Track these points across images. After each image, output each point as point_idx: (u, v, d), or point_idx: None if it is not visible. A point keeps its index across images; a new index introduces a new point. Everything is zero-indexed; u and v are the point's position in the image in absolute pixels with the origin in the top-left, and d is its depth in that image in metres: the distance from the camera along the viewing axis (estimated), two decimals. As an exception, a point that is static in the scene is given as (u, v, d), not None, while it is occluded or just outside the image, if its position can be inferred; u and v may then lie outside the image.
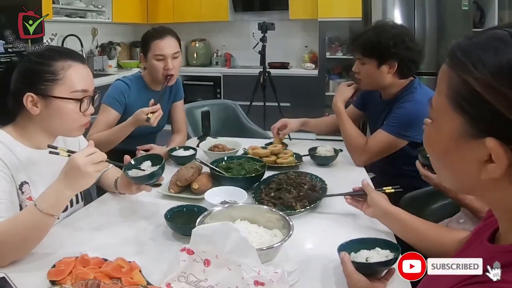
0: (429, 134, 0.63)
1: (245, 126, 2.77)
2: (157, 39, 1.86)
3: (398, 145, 1.67)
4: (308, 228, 1.21)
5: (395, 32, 1.69)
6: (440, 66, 0.60)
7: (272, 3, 5.16)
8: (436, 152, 0.62)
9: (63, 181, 1.00)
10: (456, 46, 0.57)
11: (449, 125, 0.57)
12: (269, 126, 2.15)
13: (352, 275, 0.88)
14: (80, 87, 1.16)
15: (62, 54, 1.17)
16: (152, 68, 1.88)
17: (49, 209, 0.99)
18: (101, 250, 1.02)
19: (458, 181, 0.61)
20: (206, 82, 5.21)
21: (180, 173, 1.46)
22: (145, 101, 1.92)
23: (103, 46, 4.91)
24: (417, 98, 1.67)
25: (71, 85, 1.14)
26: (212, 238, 0.90)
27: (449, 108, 0.56)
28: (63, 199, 1.02)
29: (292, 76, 4.93)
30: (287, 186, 1.38)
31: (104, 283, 0.82)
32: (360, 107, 2.02)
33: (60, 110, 1.14)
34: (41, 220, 0.99)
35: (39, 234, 1.02)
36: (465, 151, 0.56)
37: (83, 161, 0.99)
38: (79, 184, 1.02)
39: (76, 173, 0.99)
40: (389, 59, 1.68)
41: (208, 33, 5.55)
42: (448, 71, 0.57)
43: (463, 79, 0.54)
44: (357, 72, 1.78)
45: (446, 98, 0.57)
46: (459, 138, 0.56)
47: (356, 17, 4.49)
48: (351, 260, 0.91)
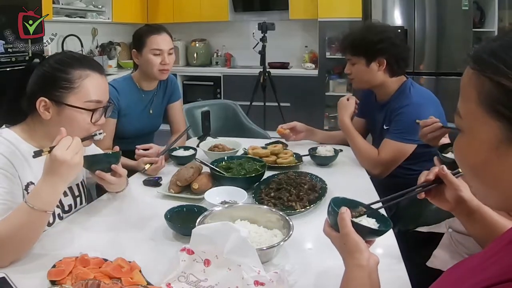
0: (462, 147, 0.59)
1: (245, 126, 2.77)
2: (153, 34, 1.88)
3: (408, 150, 1.68)
4: (308, 228, 1.21)
5: (380, 29, 1.76)
6: (440, 66, 0.58)
7: (272, 3, 5.17)
8: (473, 165, 0.57)
9: (54, 177, 1.00)
10: (480, 49, 0.54)
11: (486, 133, 0.53)
12: (269, 126, 2.16)
13: (350, 235, 0.78)
14: (94, 97, 1.17)
15: (82, 62, 1.17)
16: (147, 63, 1.88)
17: (43, 206, 0.98)
18: (101, 250, 1.02)
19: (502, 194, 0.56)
20: (206, 82, 5.22)
21: (180, 173, 1.46)
22: (137, 102, 1.94)
23: (103, 46, 4.91)
24: (414, 101, 1.69)
25: (85, 94, 1.15)
26: (212, 238, 0.90)
27: (483, 115, 0.53)
28: (58, 194, 1.04)
29: (292, 76, 4.93)
30: (287, 186, 1.38)
31: (104, 283, 0.82)
32: (363, 116, 2.02)
33: (71, 118, 1.15)
34: (36, 218, 0.99)
35: (35, 231, 1.02)
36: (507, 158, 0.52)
37: (68, 154, 0.99)
38: (71, 176, 1.03)
39: (66, 167, 0.99)
40: (377, 56, 1.71)
41: (208, 33, 5.55)
42: (475, 76, 0.54)
43: (496, 81, 0.51)
44: (349, 73, 1.82)
45: (477, 104, 0.54)
46: (499, 146, 0.52)
47: (356, 17, 4.49)
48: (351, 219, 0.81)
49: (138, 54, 1.91)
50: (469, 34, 4.10)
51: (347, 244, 0.79)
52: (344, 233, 0.79)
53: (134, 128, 1.95)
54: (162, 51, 1.87)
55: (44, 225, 1.04)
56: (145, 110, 1.98)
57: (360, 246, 0.77)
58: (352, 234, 0.78)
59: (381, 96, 1.83)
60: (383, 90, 1.80)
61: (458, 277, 0.58)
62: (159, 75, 1.91)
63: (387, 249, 1.06)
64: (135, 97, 1.94)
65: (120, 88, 1.89)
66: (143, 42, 1.88)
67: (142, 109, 1.97)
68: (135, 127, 1.95)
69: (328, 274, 0.98)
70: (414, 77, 4.14)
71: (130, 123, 1.93)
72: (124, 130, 1.91)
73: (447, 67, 4.12)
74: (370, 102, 1.91)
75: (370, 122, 1.97)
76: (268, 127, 3.67)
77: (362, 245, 0.78)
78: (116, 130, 1.89)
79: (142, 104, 1.97)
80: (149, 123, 2.03)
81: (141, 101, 1.96)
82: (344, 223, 0.79)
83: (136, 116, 1.94)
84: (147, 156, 1.64)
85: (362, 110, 1.99)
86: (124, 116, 1.90)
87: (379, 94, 1.84)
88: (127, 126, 1.92)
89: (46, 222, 1.04)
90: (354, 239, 0.78)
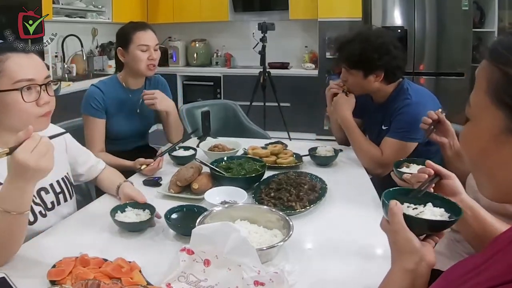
0: (467, 133, 0.60)
1: (245, 126, 2.76)
2: (139, 30, 1.89)
3: (410, 148, 1.68)
4: (308, 228, 1.21)
5: (379, 42, 1.69)
6: (440, 66, 0.60)
7: (272, 3, 5.17)
8: (474, 151, 0.59)
9: (19, 181, 0.91)
10: (497, 42, 0.56)
11: (489, 122, 0.55)
12: (269, 126, 2.16)
13: (401, 231, 0.70)
14: (22, 76, 1.09)
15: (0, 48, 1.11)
16: (135, 60, 1.88)
17: (17, 208, 0.93)
18: (101, 250, 1.02)
19: (497, 185, 0.57)
20: (206, 82, 5.22)
21: (180, 173, 1.46)
22: (125, 102, 1.95)
23: (103, 46, 4.91)
24: (413, 101, 1.69)
25: (11, 76, 1.08)
26: (212, 238, 0.90)
27: (489, 104, 0.54)
28: (28, 194, 0.95)
29: (292, 76, 4.93)
30: (287, 186, 1.38)
31: (104, 283, 0.82)
32: (359, 115, 2.02)
33: (6, 103, 1.08)
34: (13, 220, 0.93)
35: (16, 233, 0.97)
36: (506, 149, 0.53)
37: (32, 158, 0.87)
38: (39, 177, 0.94)
39: (32, 173, 0.89)
40: (376, 70, 1.70)
41: (208, 33, 5.55)
42: (488, 67, 0.55)
43: (504, 72, 0.52)
44: (345, 80, 1.80)
45: (485, 94, 0.55)
46: (499, 135, 0.54)
47: (356, 17, 4.50)
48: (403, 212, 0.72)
49: (124, 52, 1.91)
50: (469, 34, 4.10)
51: (396, 243, 0.71)
52: (394, 230, 0.71)
53: (124, 128, 1.96)
54: (149, 46, 1.88)
55: (25, 225, 0.99)
56: (132, 110, 1.98)
57: (412, 246, 0.69)
58: (402, 232, 0.70)
59: (377, 98, 1.84)
60: (379, 94, 1.80)
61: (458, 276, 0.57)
62: (147, 71, 1.91)
63: (387, 249, 1.06)
64: (121, 97, 1.94)
65: (105, 89, 1.90)
66: (129, 39, 1.88)
67: (130, 109, 1.97)
68: (126, 127, 1.96)
69: (328, 274, 0.98)
70: (414, 77, 4.15)
71: (120, 123, 1.93)
72: (115, 131, 1.93)
73: (447, 67, 4.12)
74: (367, 102, 1.90)
75: (367, 122, 1.97)
76: (268, 127, 3.68)
77: (416, 244, 0.69)
78: (108, 132, 1.90)
79: (130, 104, 1.97)
80: (139, 123, 2.02)
81: (128, 100, 1.96)
82: (394, 218, 0.71)
83: (125, 116, 1.95)
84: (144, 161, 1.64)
85: (358, 110, 1.99)
86: (112, 117, 1.91)
87: (376, 96, 1.84)
88: (117, 126, 1.93)
89: (25, 222, 0.99)
90: (404, 238, 0.69)
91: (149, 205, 1.25)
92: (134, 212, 1.22)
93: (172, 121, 1.98)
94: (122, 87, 1.96)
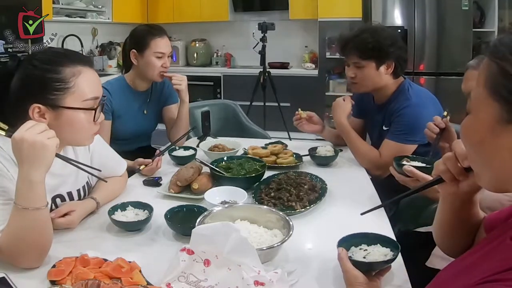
0: (467, 125, 0.64)
1: (245, 126, 2.77)
2: (157, 37, 1.88)
3: (409, 150, 1.67)
4: (308, 228, 1.21)
5: (388, 32, 1.75)
6: (440, 66, 0.61)
7: (272, 3, 5.17)
8: (473, 141, 0.63)
9: (23, 165, 0.90)
10: (498, 39, 0.60)
11: (486, 113, 0.58)
12: (269, 126, 2.16)
13: (350, 271, 0.88)
14: (91, 94, 1.08)
15: (70, 58, 1.08)
16: (149, 66, 1.88)
17: (31, 202, 0.91)
18: (101, 250, 1.01)
19: (494, 174, 0.61)
20: (206, 82, 5.21)
21: (180, 173, 1.46)
22: (131, 103, 1.95)
23: (103, 46, 4.91)
24: (414, 102, 1.69)
25: (82, 93, 1.06)
26: (212, 238, 0.90)
27: (487, 97, 0.58)
28: (37, 185, 0.92)
29: (292, 76, 4.93)
30: (287, 186, 1.38)
31: (104, 283, 0.82)
32: (359, 116, 2.01)
33: (72, 120, 1.06)
34: (34, 217, 0.92)
35: (42, 231, 0.96)
36: (501, 139, 0.57)
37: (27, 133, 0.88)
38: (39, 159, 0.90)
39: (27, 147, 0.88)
40: (387, 59, 1.70)
41: (208, 33, 5.55)
42: (488, 63, 0.59)
43: (501, 66, 0.56)
44: (353, 76, 1.78)
45: (484, 87, 0.59)
46: (495, 125, 0.57)
47: (356, 17, 4.49)
48: (349, 256, 0.91)
49: (138, 55, 1.90)
50: (469, 34, 4.09)
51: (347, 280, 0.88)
52: (343, 270, 0.89)
53: (129, 129, 1.96)
54: (164, 54, 1.89)
55: (48, 221, 0.97)
56: (139, 111, 1.98)
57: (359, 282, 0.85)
58: (350, 272, 0.87)
59: (379, 98, 1.83)
60: (382, 92, 1.79)
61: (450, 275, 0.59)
62: (158, 78, 1.91)
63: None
64: (128, 98, 1.94)
65: (112, 90, 1.89)
66: (146, 43, 1.87)
67: (137, 110, 1.97)
68: (130, 128, 1.96)
69: (328, 274, 0.98)
70: (414, 77, 4.15)
71: (125, 124, 1.93)
72: (119, 132, 1.92)
73: (447, 67, 4.12)
74: (368, 103, 1.90)
75: (368, 123, 1.97)
76: (268, 127, 3.67)
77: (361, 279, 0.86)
78: (113, 132, 1.90)
79: (136, 105, 1.97)
80: (144, 124, 2.03)
81: (135, 101, 1.97)
82: (341, 262, 0.89)
83: (130, 117, 1.95)
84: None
85: (359, 110, 1.99)
86: (118, 118, 1.91)
87: (378, 96, 1.83)
88: (122, 127, 1.92)
89: (47, 217, 0.97)
90: (352, 275, 0.87)
91: (148, 205, 1.25)
92: (134, 212, 1.22)
93: (183, 112, 2.00)
94: (129, 88, 1.96)
